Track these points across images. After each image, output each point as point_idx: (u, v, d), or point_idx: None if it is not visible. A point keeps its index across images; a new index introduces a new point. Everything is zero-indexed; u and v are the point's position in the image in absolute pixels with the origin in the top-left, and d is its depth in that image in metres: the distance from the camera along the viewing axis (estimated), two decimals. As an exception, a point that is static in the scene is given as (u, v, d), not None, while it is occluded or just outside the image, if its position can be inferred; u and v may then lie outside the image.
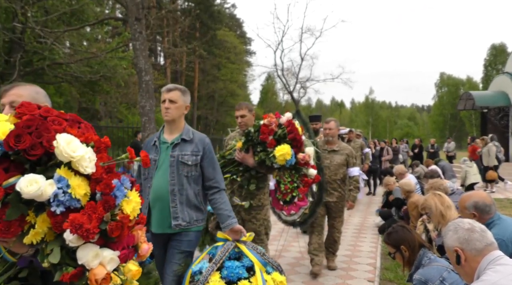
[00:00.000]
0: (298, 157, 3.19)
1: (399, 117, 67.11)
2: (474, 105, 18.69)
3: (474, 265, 1.88)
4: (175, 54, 25.56)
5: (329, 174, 4.52)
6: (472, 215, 2.70)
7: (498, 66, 46.76)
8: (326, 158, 4.53)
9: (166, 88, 2.61)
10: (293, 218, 4.24)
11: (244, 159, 3.25)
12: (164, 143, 2.58)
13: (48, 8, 12.85)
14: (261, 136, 3.14)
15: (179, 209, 2.48)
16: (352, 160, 4.64)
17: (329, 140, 4.63)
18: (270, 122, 3.15)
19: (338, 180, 4.58)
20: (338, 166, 4.57)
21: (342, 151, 4.62)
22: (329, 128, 4.61)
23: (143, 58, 8.06)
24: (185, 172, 2.51)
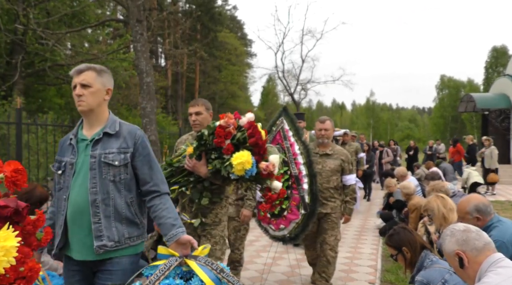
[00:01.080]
0: (260, 167, 2.50)
1: (400, 119, 67.08)
2: (475, 107, 18.68)
3: (476, 267, 1.87)
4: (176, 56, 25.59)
5: (321, 182, 3.87)
6: (476, 219, 2.66)
7: (499, 68, 46.74)
8: (318, 163, 3.89)
9: (76, 69, 1.98)
10: (282, 233, 3.84)
11: (196, 167, 2.62)
12: (82, 140, 1.98)
13: (49, 10, 12.89)
14: (215, 140, 2.50)
15: (103, 224, 1.88)
16: (348, 166, 3.99)
17: (323, 142, 3.99)
18: (227, 123, 2.52)
19: (331, 189, 3.94)
20: (331, 173, 3.93)
21: (336, 156, 3.97)
22: (325, 128, 3.95)
23: (144, 59, 8.07)
24: (110, 175, 1.91)
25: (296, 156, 3.77)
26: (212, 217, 2.87)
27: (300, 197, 3.73)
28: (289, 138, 3.85)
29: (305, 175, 3.73)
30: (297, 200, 3.74)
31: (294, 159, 3.77)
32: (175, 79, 29.97)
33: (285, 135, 3.88)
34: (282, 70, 28.01)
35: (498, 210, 7.79)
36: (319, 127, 4.00)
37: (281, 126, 3.94)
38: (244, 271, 4.58)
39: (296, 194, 3.75)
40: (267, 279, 4.44)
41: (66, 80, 14.14)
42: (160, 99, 23.62)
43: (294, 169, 3.75)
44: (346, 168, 3.98)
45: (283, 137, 3.87)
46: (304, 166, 3.75)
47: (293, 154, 3.79)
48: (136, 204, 1.99)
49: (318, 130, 3.99)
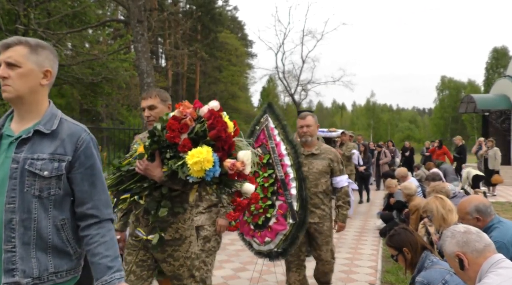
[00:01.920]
0: (225, 165, 1.98)
1: (400, 120, 67.11)
2: (476, 108, 18.68)
3: (477, 269, 1.88)
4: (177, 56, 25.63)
5: (308, 186, 3.36)
6: (476, 219, 2.68)
7: (499, 69, 46.79)
8: (303, 165, 3.41)
9: (2, 43, 1.52)
10: (268, 247, 3.31)
11: (148, 170, 2.05)
12: (7, 137, 1.49)
13: (50, 10, 12.91)
14: (168, 135, 1.97)
15: (19, 254, 1.41)
16: (338, 166, 3.49)
17: (307, 141, 3.47)
18: (182, 113, 2.01)
19: (320, 194, 3.42)
20: (319, 175, 3.41)
21: (323, 155, 3.48)
22: (306, 124, 3.45)
23: (144, 60, 8.08)
24: (35, 189, 1.44)
25: (283, 157, 3.29)
26: (172, 232, 2.28)
27: (287, 204, 3.21)
28: (274, 137, 3.37)
29: (292, 179, 3.24)
30: (284, 207, 3.22)
31: (280, 160, 3.29)
32: (176, 80, 30.00)
33: (270, 134, 3.39)
34: (282, 71, 28.05)
35: (498, 211, 7.78)
36: (300, 123, 3.48)
37: (265, 124, 3.45)
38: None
39: (282, 201, 3.24)
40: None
41: (66, 81, 14.17)
42: (161, 100, 23.57)
43: (280, 172, 3.27)
44: (336, 169, 3.47)
45: (267, 136, 3.39)
46: (292, 168, 3.26)
47: (278, 155, 3.31)
48: (69, 229, 1.51)
49: (299, 127, 3.49)
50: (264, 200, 3.27)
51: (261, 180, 3.32)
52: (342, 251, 5.63)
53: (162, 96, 2.43)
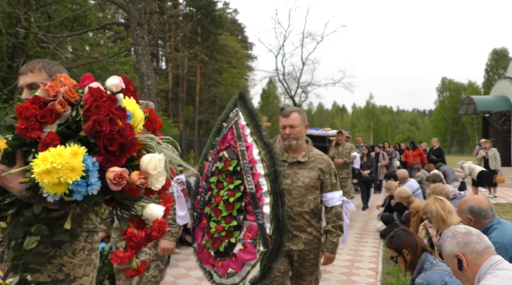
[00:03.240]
0: (107, 177, 1.28)
1: (401, 122, 67.13)
2: (476, 110, 18.68)
3: (475, 270, 1.88)
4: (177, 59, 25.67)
5: (291, 204, 2.66)
6: (469, 219, 2.73)
7: (499, 71, 46.82)
8: (286, 176, 2.69)
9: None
10: (232, 281, 2.57)
11: (4, 179, 1.31)
12: None
13: (51, 14, 12.95)
14: (18, 126, 1.26)
15: None
16: (331, 180, 2.73)
17: (291, 145, 2.72)
18: (50, 92, 1.29)
19: (307, 214, 2.69)
20: (306, 190, 2.68)
21: (312, 164, 2.72)
22: (290, 124, 2.70)
23: (145, 62, 8.10)
24: None
25: (254, 165, 2.53)
26: (52, 271, 1.51)
27: (258, 226, 2.47)
28: (245, 137, 2.61)
29: (266, 193, 2.50)
30: (254, 230, 2.48)
31: (250, 168, 2.52)
32: (176, 82, 30.04)
33: (240, 134, 2.62)
34: (282, 73, 28.08)
35: (499, 213, 7.78)
36: (283, 123, 2.74)
37: (234, 120, 2.67)
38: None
39: (252, 221, 2.49)
40: None
41: (67, 83, 14.19)
42: (161, 102, 23.67)
43: (250, 184, 2.50)
44: (328, 182, 2.71)
45: (236, 136, 2.62)
46: (266, 179, 2.51)
47: (249, 161, 2.54)
48: None
49: (281, 127, 2.75)
50: (228, 220, 2.50)
51: (226, 194, 2.54)
52: (342, 253, 5.62)
53: (50, 70, 1.61)
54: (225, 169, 2.56)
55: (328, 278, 4.58)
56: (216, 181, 2.60)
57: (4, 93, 11.90)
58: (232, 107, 2.77)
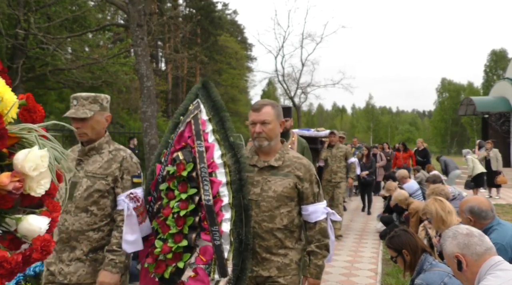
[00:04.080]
0: None
1: (400, 123, 67.20)
2: (475, 111, 18.70)
3: (475, 270, 1.88)
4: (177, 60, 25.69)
5: (259, 218, 2.12)
6: (468, 219, 2.73)
7: (498, 72, 46.91)
8: (254, 184, 2.15)
9: None
10: None
11: None
12: None
13: (50, 15, 12.96)
14: None
15: None
16: (311, 189, 2.18)
17: (261, 146, 2.17)
18: None
19: (279, 231, 2.13)
20: (278, 201, 2.12)
21: (288, 169, 2.17)
22: (261, 120, 2.15)
23: (144, 64, 8.10)
24: None
25: (215, 170, 2.03)
26: None
27: (214, 248, 1.96)
28: (205, 135, 2.09)
29: (226, 206, 1.99)
30: (209, 253, 1.98)
31: (209, 174, 2.01)
32: (176, 83, 30.05)
33: (199, 131, 2.10)
34: (282, 74, 28.08)
35: (498, 214, 7.77)
36: (252, 118, 2.17)
37: (194, 114, 2.15)
38: None
39: (207, 241, 1.98)
40: None
41: (66, 85, 14.21)
42: (161, 103, 23.68)
43: (208, 194, 1.98)
44: (308, 192, 2.15)
45: (195, 134, 2.09)
46: (228, 188, 2.01)
47: (209, 165, 2.03)
48: None
49: (250, 124, 2.19)
50: (177, 239, 1.96)
51: (176, 205, 2.00)
52: (342, 254, 5.62)
53: None
54: (178, 174, 2.02)
55: (328, 279, 4.58)
56: (166, 189, 2.07)
57: (3, 94, 11.86)
58: (193, 98, 2.23)
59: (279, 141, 2.24)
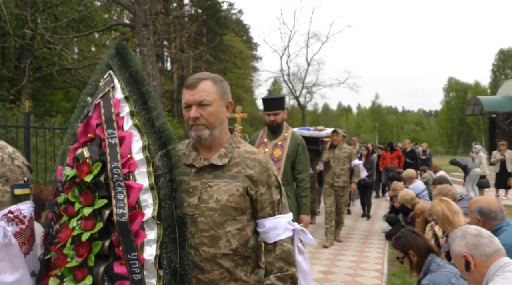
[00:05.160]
0: None
1: (406, 122, 66.87)
2: (482, 110, 18.57)
3: (483, 271, 1.86)
4: (182, 60, 25.77)
5: (197, 241, 1.45)
6: (477, 219, 2.71)
7: (506, 71, 46.52)
8: (190, 191, 1.49)
9: None
10: None
11: None
12: None
13: (57, 15, 13.06)
14: None
15: None
16: (270, 195, 1.52)
17: (200, 137, 1.50)
18: None
19: (226, 258, 1.47)
20: (223, 214, 1.46)
21: (237, 169, 1.51)
22: (197, 101, 1.48)
23: (150, 63, 8.13)
24: None
25: (133, 170, 1.44)
26: None
27: (132, 284, 1.34)
28: (119, 121, 1.50)
29: (150, 222, 1.41)
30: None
31: (125, 177, 1.42)
32: (181, 83, 30.12)
33: (111, 116, 1.49)
34: (287, 74, 28.08)
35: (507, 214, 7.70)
36: (186, 99, 1.51)
37: (104, 92, 1.54)
38: None
39: (123, 275, 1.35)
40: None
41: (73, 84, 14.31)
42: (166, 103, 23.77)
43: (122, 206, 1.37)
44: (264, 200, 1.52)
45: (104, 121, 1.48)
46: (153, 195, 1.45)
47: (124, 163, 1.43)
48: None
49: (184, 107, 1.53)
50: (78, 275, 1.35)
51: (78, 225, 1.38)
52: (347, 254, 5.61)
53: None
54: (80, 179, 1.40)
55: (333, 279, 4.57)
56: (64, 201, 1.42)
57: (11, 94, 12.01)
58: (104, 69, 1.62)
59: (226, 130, 1.57)
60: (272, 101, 3.56)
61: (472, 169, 10.25)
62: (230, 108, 1.58)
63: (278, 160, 3.45)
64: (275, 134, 3.56)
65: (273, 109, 3.49)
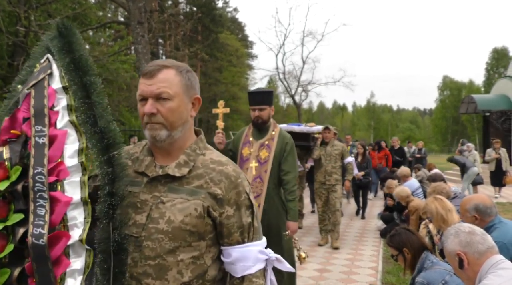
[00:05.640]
0: None
1: (401, 121, 67.17)
2: (476, 109, 18.70)
3: (476, 269, 1.88)
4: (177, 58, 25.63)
5: (140, 271, 1.16)
6: (474, 217, 2.72)
7: (500, 70, 46.82)
8: (138, 208, 1.20)
9: None
10: None
11: None
12: None
13: (51, 12, 12.95)
14: None
15: None
16: (239, 217, 1.23)
17: (156, 138, 1.21)
18: None
19: None
20: (175, 239, 1.16)
21: (199, 182, 1.21)
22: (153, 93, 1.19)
23: (145, 61, 8.10)
24: None
25: (62, 178, 1.11)
26: None
27: None
28: (52, 117, 1.17)
29: (77, 246, 1.08)
30: None
31: (51, 186, 1.09)
32: (176, 81, 30.03)
33: (42, 109, 1.17)
34: (283, 72, 28.05)
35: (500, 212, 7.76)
36: (141, 90, 1.21)
37: (38, 79, 1.21)
38: None
39: None
40: None
41: (67, 82, 14.21)
42: (161, 101, 23.68)
43: (41, 225, 1.04)
44: (231, 224, 1.22)
45: (33, 115, 1.16)
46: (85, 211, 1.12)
47: (50, 170, 1.10)
48: None
49: (139, 100, 1.22)
50: None
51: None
52: (342, 252, 5.63)
53: None
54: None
55: (328, 277, 4.59)
56: None
57: (4, 92, 11.90)
58: (42, 52, 1.32)
59: (190, 132, 1.28)
60: (258, 94, 3.24)
61: (470, 168, 10.34)
62: (197, 106, 1.29)
63: (265, 162, 3.14)
64: (262, 132, 3.25)
65: (259, 103, 3.18)
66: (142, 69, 8.05)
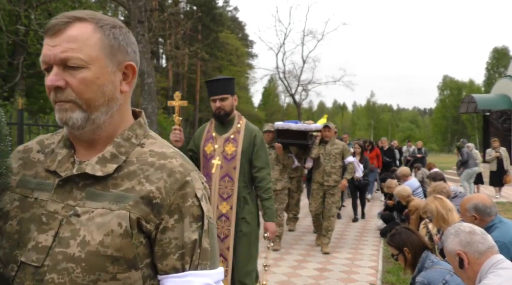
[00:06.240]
0: None
1: (401, 120, 67.20)
2: (476, 108, 18.67)
3: (477, 269, 1.88)
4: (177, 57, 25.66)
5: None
6: (473, 217, 2.72)
7: (500, 69, 46.80)
8: (43, 223, 0.80)
9: None
10: None
11: None
12: None
13: (51, 11, 12.95)
14: None
15: None
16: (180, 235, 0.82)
17: (68, 122, 0.83)
18: None
19: None
20: (91, 273, 0.76)
21: (130, 183, 0.82)
22: (60, 57, 0.81)
23: (145, 60, 8.10)
24: None
25: None
26: None
27: None
28: None
29: None
30: None
31: None
32: (176, 80, 30.05)
33: None
34: (283, 71, 28.06)
35: (500, 211, 7.75)
36: (42, 53, 0.85)
37: None
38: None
39: None
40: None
41: (67, 81, 14.21)
42: (161, 100, 23.66)
43: None
44: (168, 242, 0.81)
45: None
46: None
47: None
48: None
49: (43, 66, 0.87)
50: None
51: None
52: (342, 251, 5.63)
53: None
54: None
55: (328, 276, 4.59)
56: None
57: (4, 91, 11.90)
58: None
59: (124, 114, 0.92)
60: (217, 83, 2.86)
61: (473, 167, 10.37)
62: (131, 77, 0.90)
63: (232, 158, 2.82)
64: (225, 125, 2.89)
65: (219, 93, 2.81)
66: (142, 68, 8.06)
